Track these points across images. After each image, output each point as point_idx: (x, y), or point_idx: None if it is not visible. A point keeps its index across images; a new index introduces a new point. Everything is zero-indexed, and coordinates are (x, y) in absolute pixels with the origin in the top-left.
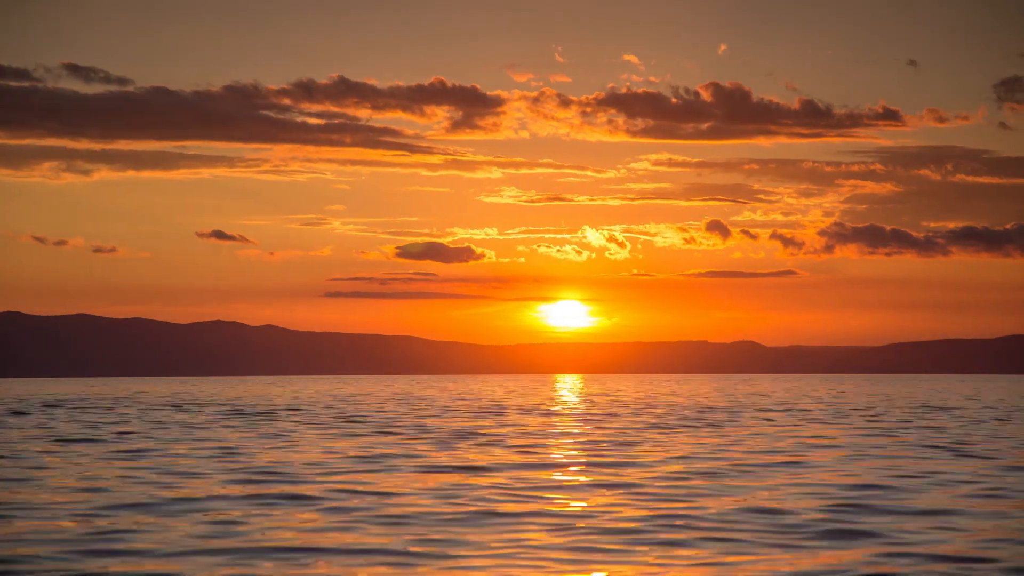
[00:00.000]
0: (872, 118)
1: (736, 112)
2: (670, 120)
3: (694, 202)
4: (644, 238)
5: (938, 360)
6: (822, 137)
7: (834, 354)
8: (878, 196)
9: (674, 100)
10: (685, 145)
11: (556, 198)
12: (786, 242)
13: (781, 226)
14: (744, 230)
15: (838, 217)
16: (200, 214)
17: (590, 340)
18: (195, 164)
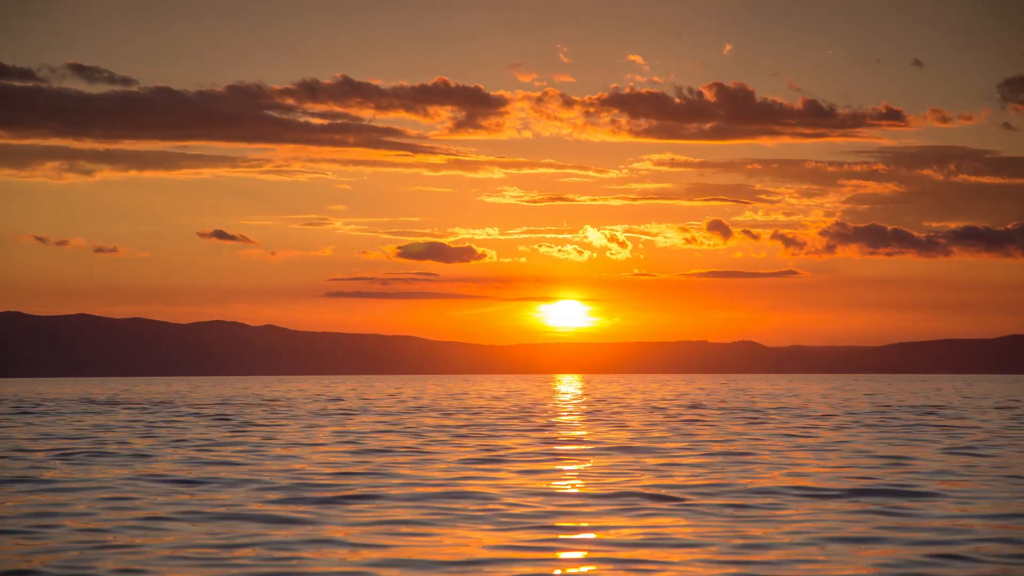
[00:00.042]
0: (875, 118)
1: (739, 112)
2: (673, 120)
3: (696, 202)
4: (645, 238)
5: (938, 360)
6: (825, 137)
7: (835, 354)
8: (880, 196)
9: (677, 100)
10: (688, 145)
11: (558, 198)
12: (787, 242)
13: (782, 226)
14: (745, 230)
15: (839, 217)
16: (202, 214)
17: (590, 340)
18: (197, 164)
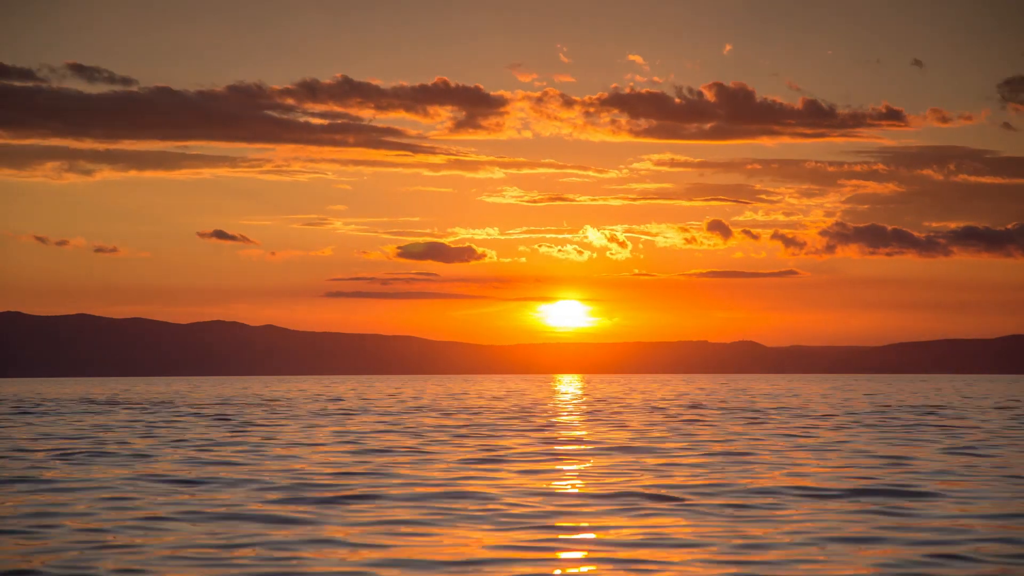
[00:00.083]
0: (875, 118)
1: (739, 112)
2: (673, 120)
3: (696, 202)
4: (645, 238)
5: (938, 360)
6: (825, 137)
7: (834, 354)
8: (880, 196)
9: (677, 100)
10: (688, 145)
11: (558, 198)
12: (787, 242)
13: (782, 226)
14: (745, 230)
15: (839, 217)
16: (201, 214)
17: (590, 340)
18: (197, 164)
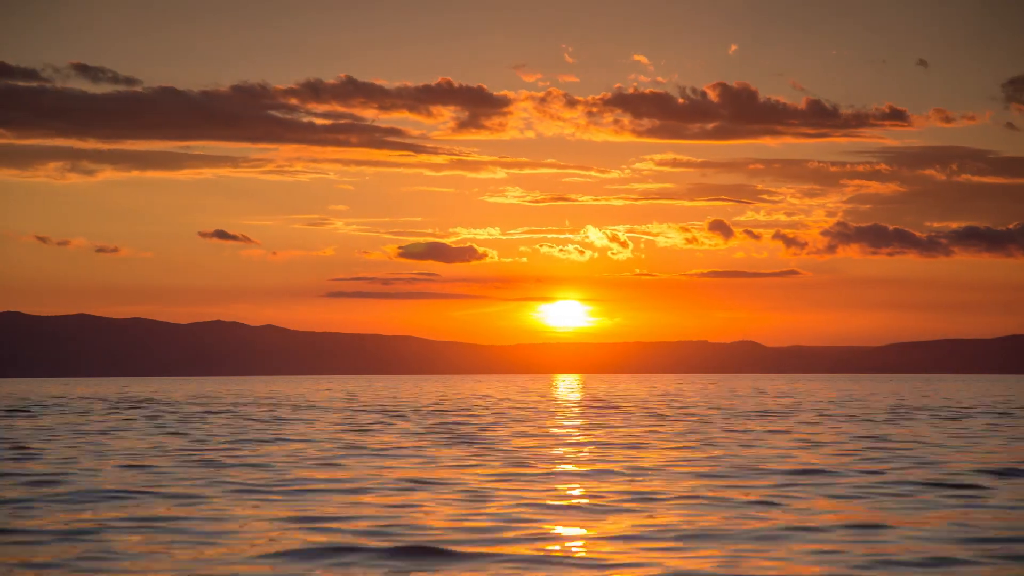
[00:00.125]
0: (878, 118)
1: (742, 112)
2: (676, 120)
3: (697, 202)
4: (647, 238)
5: (939, 360)
6: (828, 137)
7: (835, 354)
8: (882, 196)
9: (680, 100)
10: (690, 145)
11: (560, 198)
12: (789, 242)
13: (784, 226)
14: (747, 230)
15: (841, 217)
16: (203, 214)
17: (590, 340)
18: (199, 164)
